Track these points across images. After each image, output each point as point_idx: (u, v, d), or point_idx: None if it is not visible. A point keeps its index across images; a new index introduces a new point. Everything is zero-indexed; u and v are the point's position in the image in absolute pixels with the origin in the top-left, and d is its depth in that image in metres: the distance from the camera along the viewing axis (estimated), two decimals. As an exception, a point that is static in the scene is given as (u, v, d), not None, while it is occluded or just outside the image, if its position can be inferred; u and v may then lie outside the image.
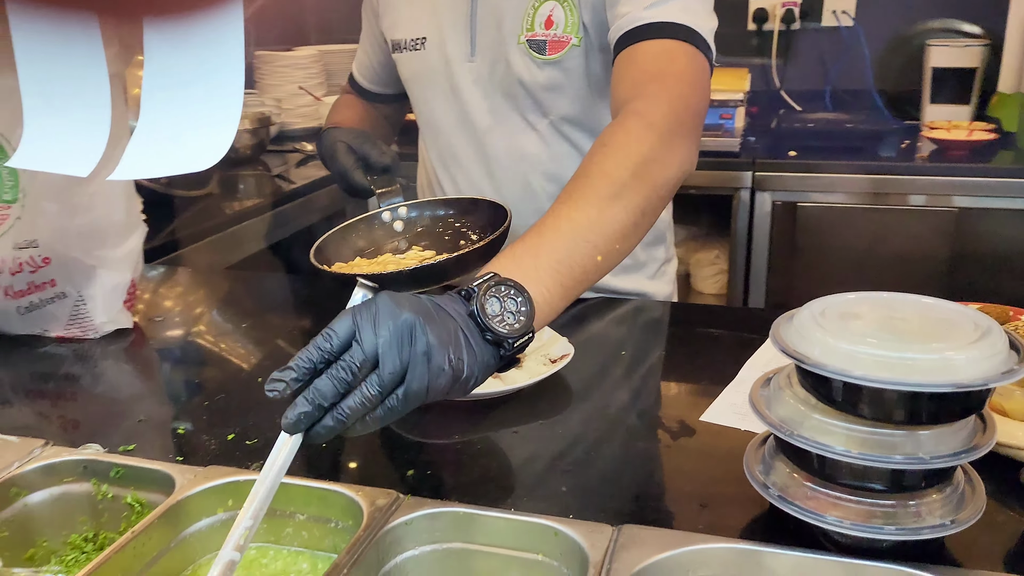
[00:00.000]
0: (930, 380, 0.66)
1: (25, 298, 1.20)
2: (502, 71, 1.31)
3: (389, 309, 0.70)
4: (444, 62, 1.35)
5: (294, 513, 0.83)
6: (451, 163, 1.43)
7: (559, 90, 1.30)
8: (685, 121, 1.07)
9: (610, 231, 0.93)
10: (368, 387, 0.69)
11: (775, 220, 2.67)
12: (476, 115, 1.36)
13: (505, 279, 0.78)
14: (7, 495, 0.86)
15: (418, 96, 1.45)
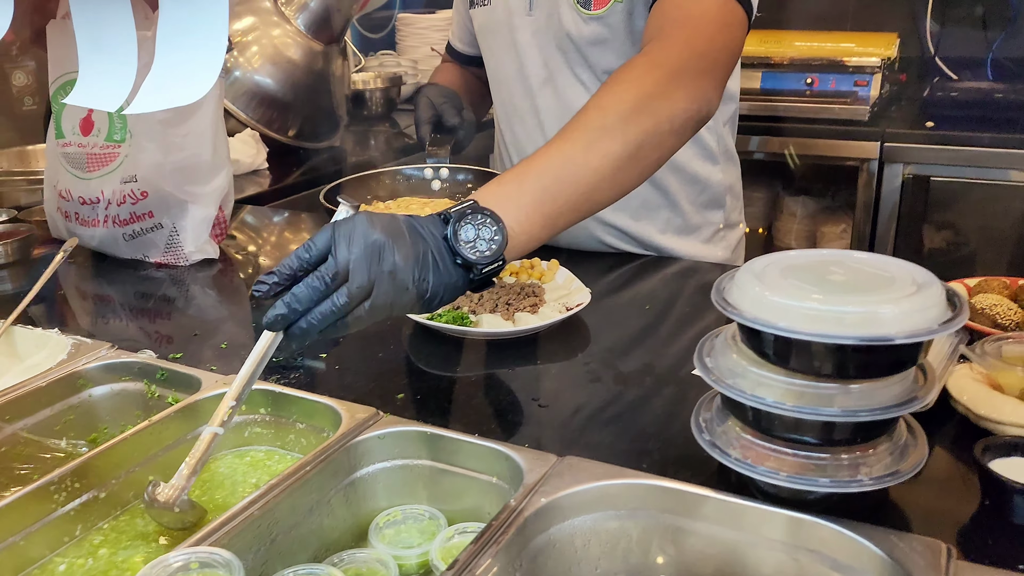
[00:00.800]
0: (856, 333, 0.66)
1: (128, 227, 1.37)
2: (555, 25, 1.35)
3: (363, 228, 0.78)
4: (507, 15, 1.41)
5: (295, 422, 0.94)
6: (512, 116, 1.49)
7: (603, 44, 1.33)
8: (703, 59, 1.06)
9: (600, 163, 0.93)
10: (338, 297, 0.77)
11: (905, 194, 2.52)
12: (531, 68, 1.40)
13: (483, 207, 0.83)
14: (75, 385, 1.01)
15: (485, 50, 1.51)
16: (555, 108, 1.41)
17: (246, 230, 1.67)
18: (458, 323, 1.08)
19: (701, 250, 1.46)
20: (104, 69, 0.84)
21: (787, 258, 0.75)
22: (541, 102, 1.42)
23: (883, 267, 0.73)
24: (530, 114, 1.45)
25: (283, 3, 2.29)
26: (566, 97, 1.39)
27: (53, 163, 1.41)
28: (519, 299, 1.14)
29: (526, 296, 1.15)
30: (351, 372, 1.01)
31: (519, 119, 1.47)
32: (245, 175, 2.12)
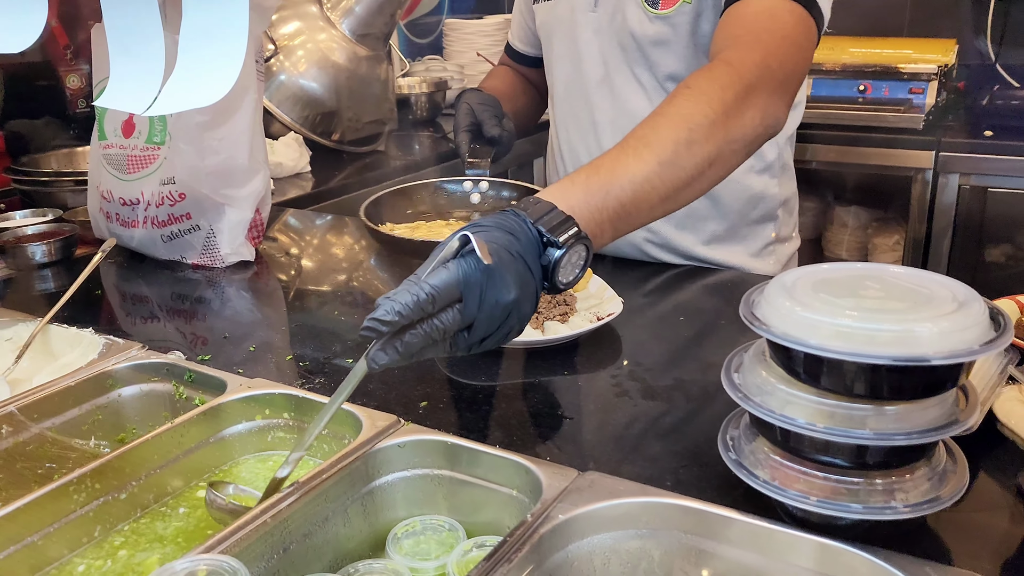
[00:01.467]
0: (890, 352, 0.62)
1: (167, 228, 1.38)
2: (619, 22, 1.33)
3: (498, 288, 0.73)
4: (570, 11, 1.39)
5: (318, 427, 0.93)
6: (567, 117, 1.46)
7: (666, 46, 1.31)
8: (776, 76, 1.04)
9: (676, 177, 0.93)
10: (453, 343, 0.75)
11: (961, 205, 2.44)
12: (589, 66, 1.38)
13: (581, 235, 0.80)
14: (104, 385, 1.02)
15: (546, 48, 1.48)
16: (609, 109, 1.39)
17: (287, 233, 1.68)
18: None
19: (748, 262, 1.42)
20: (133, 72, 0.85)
21: (820, 271, 0.72)
22: (596, 102, 1.40)
23: (921, 283, 0.69)
24: (585, 115, 1.42)
25: (329, 8, 2.31)
26: (622, 98, 1.37)
27: (96, 164, 1.44)
28: (549, 308, 1.12)
29: (556, 305, 1.13)
30: (375, 378, 1.00)
31: (574, 120, 1.45)
32: (288, 178, 2.14)
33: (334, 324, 1.18)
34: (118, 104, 0.84)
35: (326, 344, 1.10)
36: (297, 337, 1.14)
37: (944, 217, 2.46)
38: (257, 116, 1.39)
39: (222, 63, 0.73)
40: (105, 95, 0.87)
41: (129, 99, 0.85)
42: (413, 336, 0.71)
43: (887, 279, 0.70)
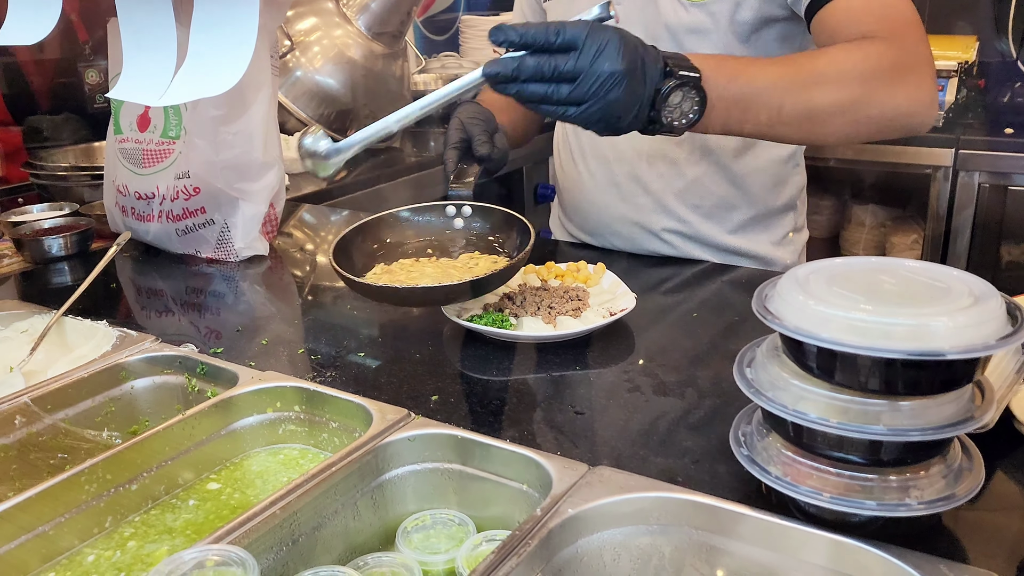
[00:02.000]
0: (904, 347, 0.62)
1: (182, 222, 1.39)
2: (651, 13, 1.31)
3: (612, 52, 0.85)
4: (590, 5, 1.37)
5: (328, 420, 0.93)
6: None
7: (703, 34, 1.28)
8: (928, 65, 1.06)
9: (800, 105, 0.99)
10: (556, 91, 0.86)
11: (981, 203, 2.41)
12: None
13: (701, 86, 0.92)
14: (117, 377, 1.02)
15: None
16: None
17: (302, 228, 1.68)
18: (499, 326, 1.06)
19: (771, 251, 1.42)
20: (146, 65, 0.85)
21: (834, 265, 0.71)
22: None
23: (938, 277, 0.68)
24: None
25: (345, 4, 2.31)
26: None
27: (112, 158, 1.44)
28: (562, 303, 1.11)
29: (569, 300, 1.12)
30: (386, 372, 1.00)
31: None
32: (303, 173, 2.14)
33: (347, 319, 1.18)
34: (131, 96, 0.85)
35: (339, 339, 1.10)
36: (310, 331, 1.14)
37: (963, 215, 2.44)
38: (272, 111, 1.39)
39: (232, 53, 0.73)
40: (118, 87, 0.87)
41: (142, 91, 0.85)
42: (530, 62, 0.84)
43: (902, 273, 0.69)
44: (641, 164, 1.39)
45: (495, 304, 1.13)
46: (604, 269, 1.22)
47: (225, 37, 0.73)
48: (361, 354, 1.05)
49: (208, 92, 0.74)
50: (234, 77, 0.72)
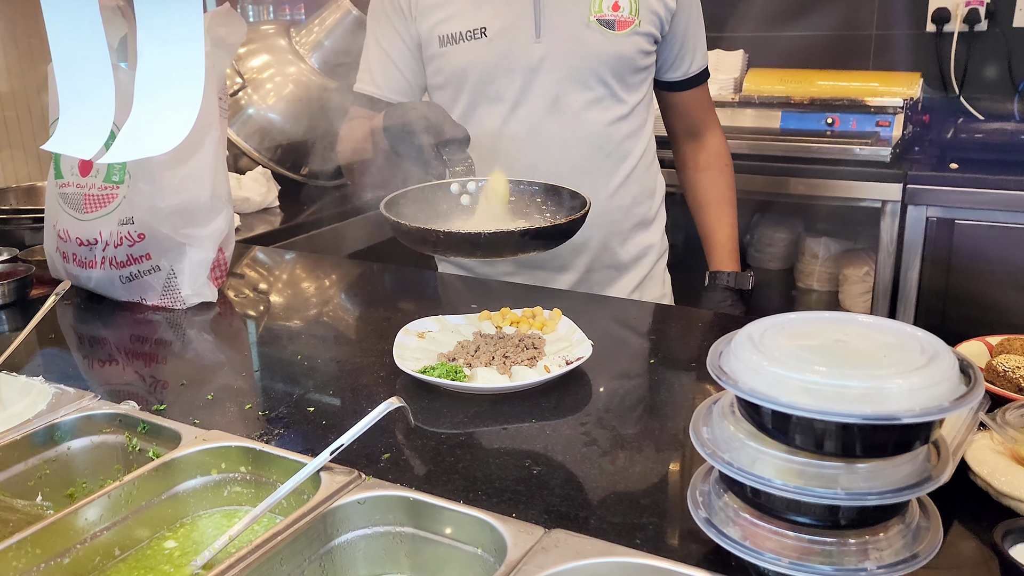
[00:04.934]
0: (859, 410, 0.61)
1: (126, 269, 1.35)
2: (574, 46, 1.48)
3: None
4: (509, 44, 1.47)
5: (275, 481, 0.89)
6: (504, 145, 1.50)
7: (625, 59, 1.51)
8: None
9: None
10: None
11: (929, 237, 2.46)
12: (538, 93, 1.49)
13: None
14: (52, 438, 0.98)
15: (475, 81, 1.49)
16: (562, 131, 1.51)
17: (254, 270, 1.65)
18: (452, 377, 1.04)
19: None
20: (83, 115, 0.82)
21: (788, 322, 0.71)
22: (546, 126, 1.50)
23: (891, 333, 0.68)
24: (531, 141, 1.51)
25: (298, 41, 2.29)
26: (578, 117, 1.50)
27: (52, 203, 1.40)
28: (517, 352, 1.10)
29: (524, 348, 1.11)
30: (337, 428, 0.97)
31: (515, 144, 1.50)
32: (255, 213, 2.11)
33: (297, 369, 1.15)
34: (68, 149, 0.82)
35: (288, 391, 1.07)
36: (259, 383, 1.11)
37: (913, 249, 2.48)
38: (220, 154, 1.36)
39: (178, 109, 0.70)
40: (55, 139, 0.84)
41: (78, 143, 0.82)
42: None
43: (854, 329, 0.69)
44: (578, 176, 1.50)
45: (448, 354, 1.11)
46: (560, 315, 1.21)
47: (171, 91, 0.70)
48: (311, 408, 1.02)
49: (154, 150, 0.71)
50: (180, 134, 0.70)
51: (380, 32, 1.57)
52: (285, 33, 2.31)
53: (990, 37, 2.90)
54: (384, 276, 1.66)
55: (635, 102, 1.56)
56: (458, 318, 1.24)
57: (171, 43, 0.72)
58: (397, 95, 1.59)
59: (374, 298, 1.53)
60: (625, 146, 1.57)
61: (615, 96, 1.53)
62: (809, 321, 0.70)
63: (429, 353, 1.13)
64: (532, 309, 1.24)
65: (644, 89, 1.58)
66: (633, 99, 1.56)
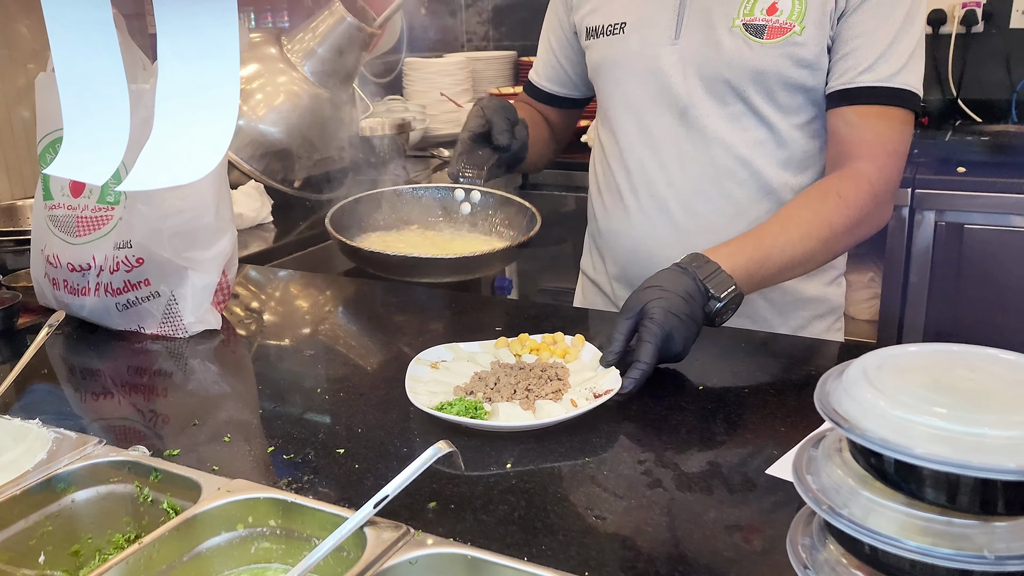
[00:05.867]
0: (1006, 464, 0.53)
1: (122, 296, 1.25)
2: (710, 53, 1.30)
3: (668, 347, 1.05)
4: (643, 44, 1.35)
5: (310, 536, 0.81)
6: (634, 150, 1.40)
7: (769, 74, 1.27)
8: (893, 188, 1.26)
9: (811, 263, 1.23)
10: None
11: (938, 242, 2.41)
12: (671, 99, 1.34)
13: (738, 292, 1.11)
14: (55, 491, 0.88)
15: (604, 83, 1.43)
16: (693, 142, 1.34)
17: (255, 292, 1.55)
18: (471, 414, 0.95)
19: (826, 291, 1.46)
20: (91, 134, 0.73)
21: (906, 355, 0.63)
22: (676, 135, 1.35)
23: (1019, 370, 0.60)
24: (662, 147, 1.37)
25: (289, 49, 2.20)
26: (708, 131, 1.33)
27: (40, 226, 1.30)
28: (540, 384, 1.01)
29: (548, 380, 1.02)
30: (372, 472, 0.88)
31: (645, 153, 1.39)
32: (249, 230, 2.01)
33: (317, 404, 1.06)
34: (74, 174, 0.73)
35: (313, 431, 0.98)
36: (278, 422, 1.02)
37: (922, 255, 2.44)
38: (223, 170, 1.28)
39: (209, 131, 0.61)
40: (58, 162, 0.75)
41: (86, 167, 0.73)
42: None
43: (979, 364, 0.62)
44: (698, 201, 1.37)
45: (466, 387, 1.03)
46: (583, 341, 1.13)
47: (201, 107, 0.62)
48: (341, 450, 0.93)
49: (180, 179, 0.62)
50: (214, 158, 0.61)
51: (549, 21, 1.56)
52: (276, 41, 2.22)
53: (987, 38, 2.87)
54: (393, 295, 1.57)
55: (790, 127, 1.31)
56: (473, 345, 1.15)
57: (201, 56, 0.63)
58: (556, 86, 1.59)
59: (390, 321, 1.45)
60: (771, 179, 1.33)
61: (758, 115, 1.30)
62: (930, 354, 0.63)
63: (444, 386, 1.04)
64: (553, 335, 1.15)
65: (807, 114, 1.31)
66: (787, 123, 1.31)
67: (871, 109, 1.23)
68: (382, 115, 2.93)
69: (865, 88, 1.23)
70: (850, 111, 1.24)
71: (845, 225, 1.20)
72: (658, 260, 1.33)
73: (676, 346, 1.04)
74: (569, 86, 1.58)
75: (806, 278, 1.38)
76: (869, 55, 1.22)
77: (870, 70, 1.22)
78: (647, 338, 1.02)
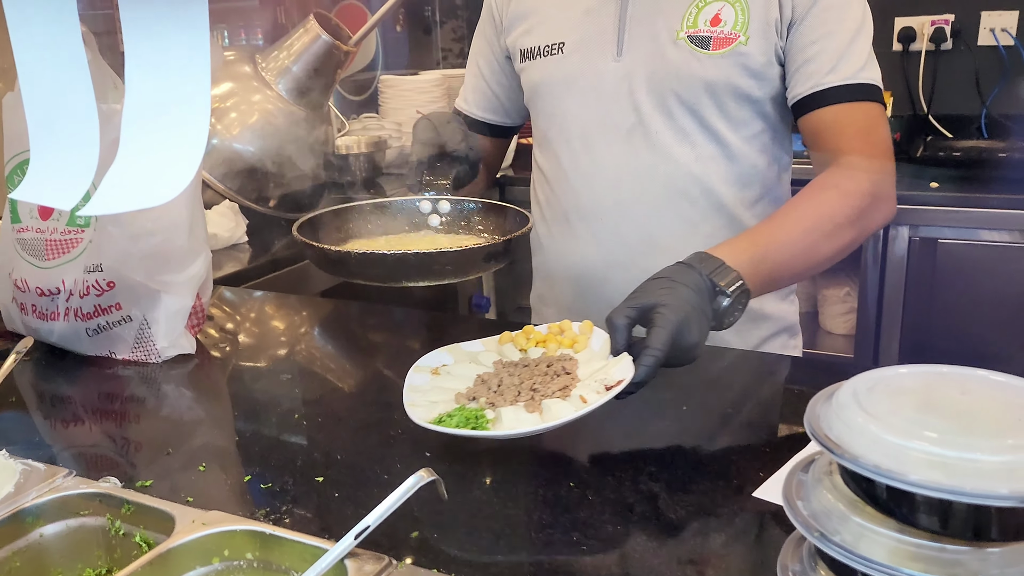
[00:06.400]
0: (999, 490, 0.53)
1: (93, 320, 1.22)
2: (656, 67, 1.27)
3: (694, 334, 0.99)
4: (584, 62, 1.32)
5: (289, 569, 0.78)
6: (579, 168, 1.36)
7: (718, 85, 1.26)
8: (891, 177, 1.24)
9: (816, 258, 1.19)
10: None
11: (912, 257, 2.44)
12: (617, 116, 1.31)
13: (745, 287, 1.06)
14: (23, 525, 0.85)
15: (542, 105, 1.39)
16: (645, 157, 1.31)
17: (231, 313, 1.53)
18: (471, 425, 0.90)
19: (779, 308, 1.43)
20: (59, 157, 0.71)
21: (896, 377, 0.62)
22: (624, 152, 1.31)
23: (1012, 392, 0.60)
24: (607, 165, 1.33)
25: (264, 68, 2.18)
26: (660, 145, 1.29)
27: (8, 250, 1.27)
28: (546, 382, 0.96)
29: (555, 376, 0.97)
30: (352, 501, 0.86)
31: (592, 171, 1.34)
32: (223, 250, 1.98)
33: (295, 430, 1.04)
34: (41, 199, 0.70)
35: (291, 458, 0.96)
36: (255, 449, 0.99)
37: (896, 269, 2.46)
38: (197, 190, 1.25)
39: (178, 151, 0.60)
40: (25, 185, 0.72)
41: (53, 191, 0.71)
42: None
43: (974, 387, 0.61)
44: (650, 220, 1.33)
45: (468, 392, 0.97)
46: (592, 328, 1.06)
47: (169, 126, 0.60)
48: (320, 478, 0.91)
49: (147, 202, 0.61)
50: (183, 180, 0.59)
51: (477, 46, 1.52)
52: (250, 59, 2.20)
53: (956, 55, 2.92)
54: (370, 315, 1.55)
55: (740, 140, 1.30)
56: (475, 344, 1.09)
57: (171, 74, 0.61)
58: (487, 113, 1.54)
59: (367, 342, 1.43)
60: (723, 195, 1.31)
61: (708, 130, 1.28)
62: (920, 376, 0.62)
63: (446, 393, 0.98)
64: (560, 323, 1.09)
65: (755, 126, 1.30)
66: (737, 136, 1.29)
67: (844, 107, 1.22)
68: (358, 133, 2.91)
69: (833, 88, 1.22)
70: (825, 112, 1.23)
71: (847, 216, 1.17)
72: (613, 284, 1.31)
73: (691, 336, 0.97)
74: (500, 113, 1.53)
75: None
76: (830, 57, 1.22)
77: (834, 71, 1.22)
78: (660, 323, 0.95)
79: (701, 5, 1.25)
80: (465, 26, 3.69)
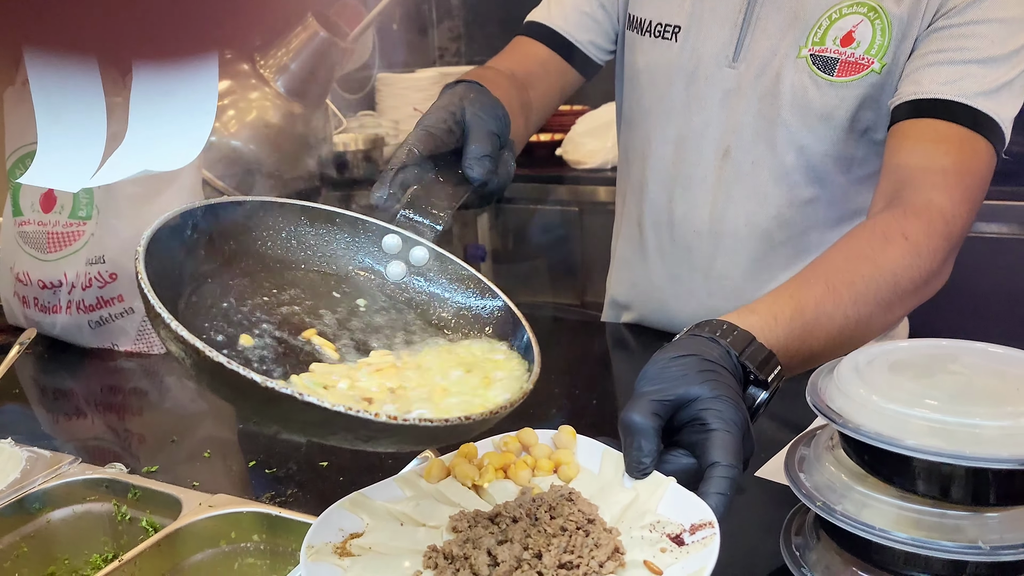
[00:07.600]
0: (999, 453, 0.54)
1: (95, 313, 1.23)
2: (767, 84, 1.08)
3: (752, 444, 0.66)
4: (696, 60, 1.12)
5: (295, 551, 0.79)
6: (668, 180, 1.18)
7: (833, 120, 1.05)
8: (967, 229, 0.94)
9: (865, 335, 0.87)
10: None
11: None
12: (713, 129, 1.12)
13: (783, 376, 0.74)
14: (29, 511, 0.86)
15: (641, 92, 1.18)
16: (735, 182, 1.12)
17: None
18: None
19: None
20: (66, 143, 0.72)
21: (896, 351, 0.63)
22: (707, 171, 1.14)
23: (1016, 365, 0.61)
24: (693, 179, 1.16)
25: (262, 65, 2.19)
26: (746, 174, 1.12)
27: (10, 243, 1.27)
28: (573, 549, 0.58)
29: (575, 533, 0.59)
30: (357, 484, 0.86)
31: (686, 182, 1.16)
32: (222, 246, 1.99)
33: (297, 417, 1.04)
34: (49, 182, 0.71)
35: (293, 444, 0.96)
36: (259, 437, 1.00)
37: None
38: (197, 183, 1.26)
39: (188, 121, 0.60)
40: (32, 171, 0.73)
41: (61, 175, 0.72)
42: None
43: (969, 359, 0.62)
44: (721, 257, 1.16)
45: None
46: (574, 435, 0.70)
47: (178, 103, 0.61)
48: (324, 463, 0.91)
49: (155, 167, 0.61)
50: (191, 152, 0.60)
51: None
52: (248, 56, 2.20)
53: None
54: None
55: (852, 181, 1.10)
56: (389, 487, 0.67)
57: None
58: (580, 32, 1.20)
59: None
60: (811, 241, 1.12)
61: (814, 171, 1.08)
62: (920, 349, 0.63)
63: None
64: (517, 434, 0.70)
65: (873, 165, 1.08)
66: (849, 177, 1.10)
67: (951, 129, 0.94)
68: (355, 130, 2.92)
69: (946, 102, 0.94)
70: (924, 125, 0.96)
71: (913, 280, 0.88)
72: (669, 312, 1.21)
73: (751, 440, 0.66)
74: (597, 33, 1.20)
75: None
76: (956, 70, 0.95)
77: (953, 84, 0.95)
78: (719, 425, 0.64)
79: (835, 16, 1.03)
80: (462, 25, 3.70)
